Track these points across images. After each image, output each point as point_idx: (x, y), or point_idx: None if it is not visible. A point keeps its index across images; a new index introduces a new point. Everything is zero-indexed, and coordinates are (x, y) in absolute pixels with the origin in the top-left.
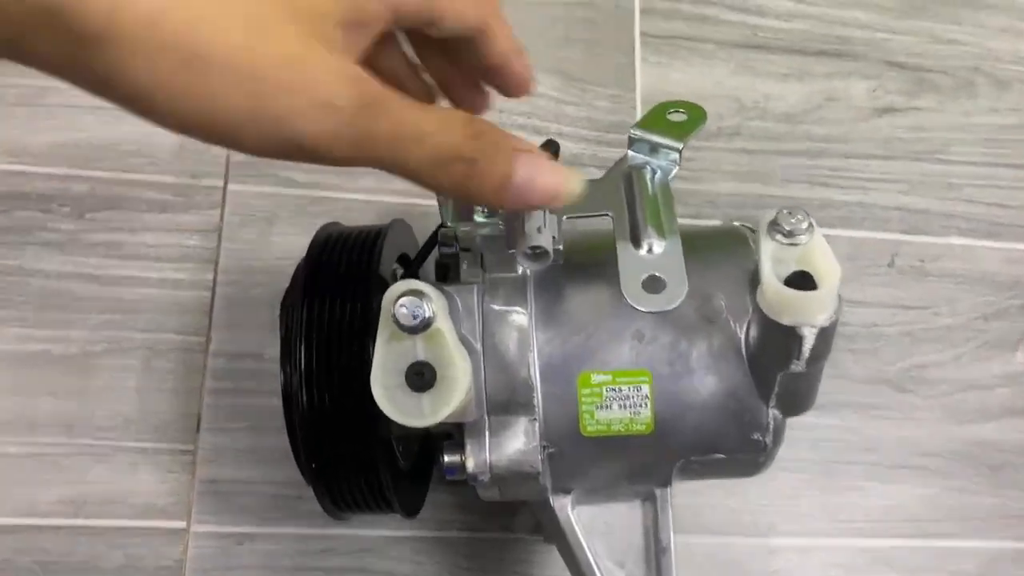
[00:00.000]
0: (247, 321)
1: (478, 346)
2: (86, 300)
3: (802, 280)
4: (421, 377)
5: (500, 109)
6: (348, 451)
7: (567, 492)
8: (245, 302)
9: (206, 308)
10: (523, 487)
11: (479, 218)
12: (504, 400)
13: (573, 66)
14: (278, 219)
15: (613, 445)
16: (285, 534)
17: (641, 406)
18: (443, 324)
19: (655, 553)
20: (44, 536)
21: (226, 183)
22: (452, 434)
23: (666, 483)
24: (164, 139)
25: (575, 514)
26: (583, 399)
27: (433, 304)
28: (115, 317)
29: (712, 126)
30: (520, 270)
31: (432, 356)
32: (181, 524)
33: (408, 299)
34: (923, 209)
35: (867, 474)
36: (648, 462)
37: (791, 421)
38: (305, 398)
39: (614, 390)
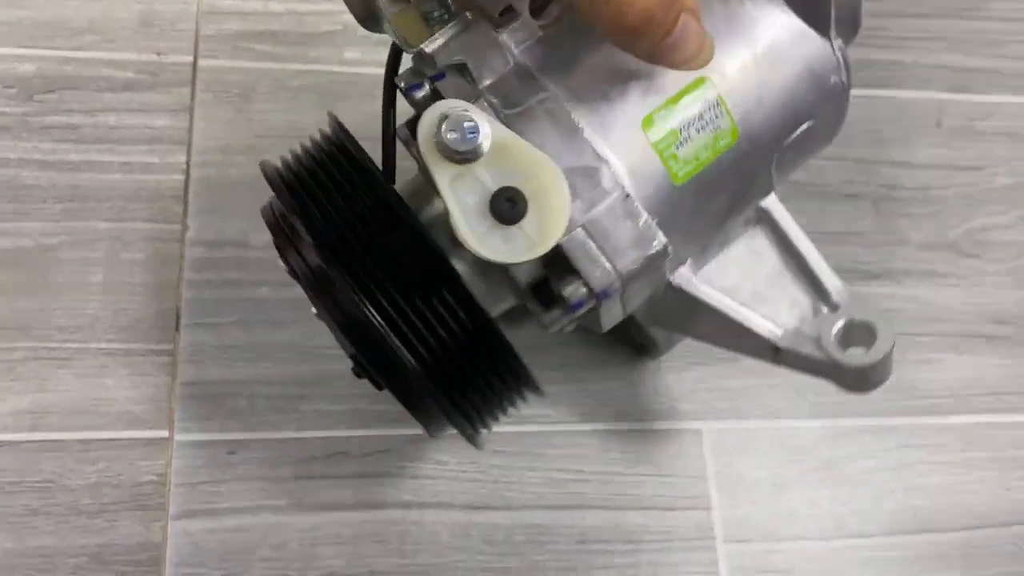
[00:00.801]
0: (227, 206)
1: None
2: (38, 188)
3: None
4: (513, 204)
5: None
6: (479, 361)
7: (683, 263)
8: (223, 185)
9: (179, 193)
10: (652, 278)
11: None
12: (588, 198)
13: None
14: (255, 95)
15: (709, 177)
16: (284, 439)
17: (718, 117)
18: (503, 132)
19: (796, 262)
20: None
21: (196, 59)
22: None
23: (769, 189)
24: (122, 14)
25: (702, 278)
26: (659, 146)
27: (479, 114)
28: (73, 206)
29: None
30: (510, 60)
31: (508, 176)
32: (162, 433)
33: (451, 121)
34: (967, 67)
35: (939, 345)
36: (746, 175)
37: None
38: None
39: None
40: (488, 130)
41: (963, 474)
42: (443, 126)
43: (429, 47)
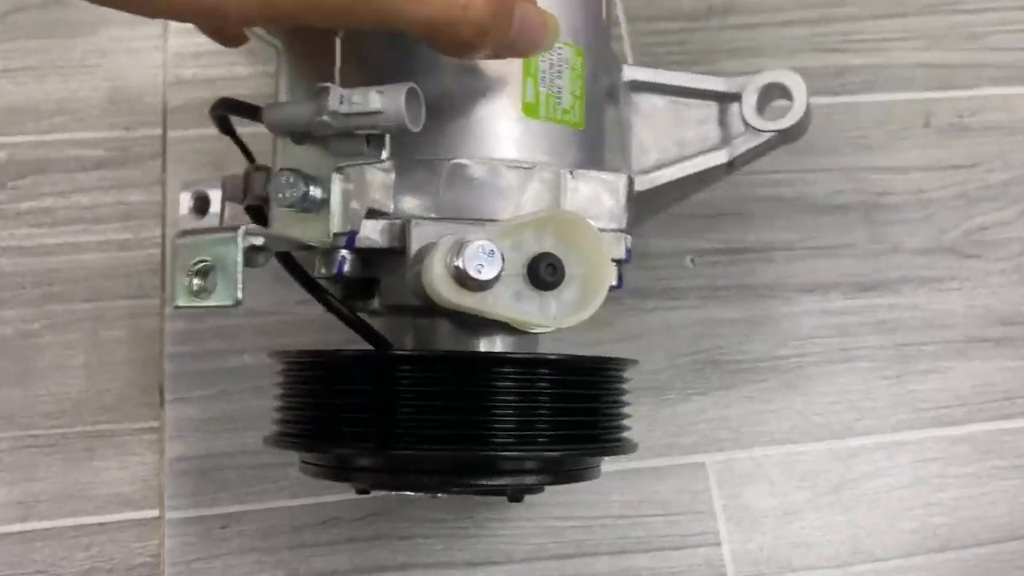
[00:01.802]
0: None
1: None
2: (15, 275)
3: None
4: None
5: None
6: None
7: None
8: None
9: (157, 267)
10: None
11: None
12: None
13: None
14: (227, 163)
15: (592, 99)
16: (276, 508)
17: (560, 52)
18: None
19: (681, 91)
20: None
21: (165, 131)
22: None
23: (621, 63)
24: (89, 93)
25: (640, 171)
26: (548, 116)
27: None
28: (52, 289)
29: (702, 5)
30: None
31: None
32: (153, 513)
33: (472, 250)
34: (949, 63)
35: (945, 353)
36: (605, 68)
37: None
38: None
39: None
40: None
41: (983, 485)
42: (464, 255)
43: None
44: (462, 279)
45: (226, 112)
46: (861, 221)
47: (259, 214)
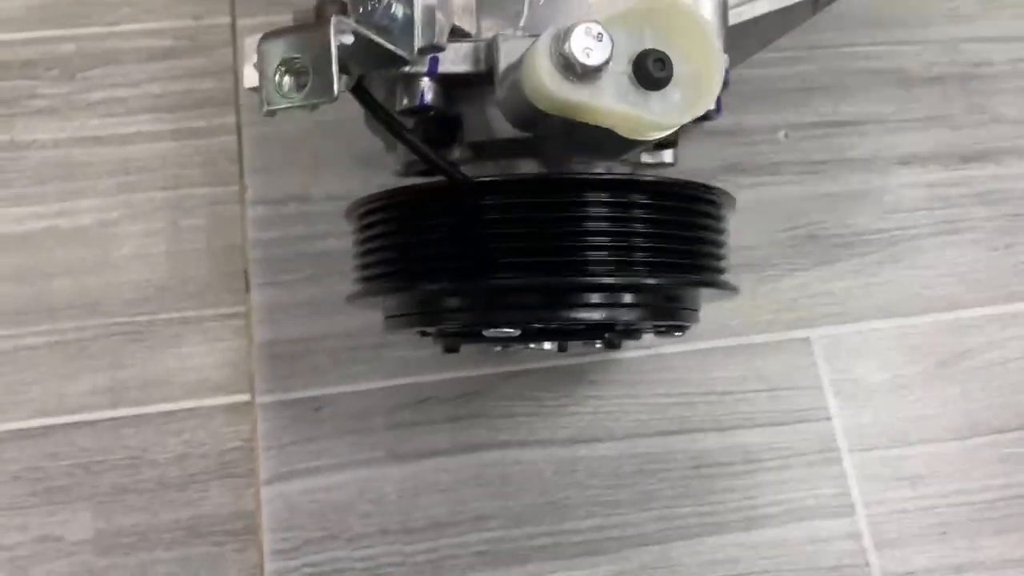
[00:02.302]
0: (283, 162)
1: None
2: (92, 165)
3: None
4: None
5: None
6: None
7: None
8: (277, 141)
9: (234, 154)
10: None
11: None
12: None
13: None
14: None
15: None
16: (371, 390)
17: None
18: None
19: None
20: (80, 434)
21: (234, 19)
22: None
23: None
24: None
25: None
26: None
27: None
28: (129, 179)
29: None
30: None
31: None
32: (244, 397)
33: (580, 33)
34: None
35: None
36: None
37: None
38: None
39: None
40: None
41: None
42: (567, 45)
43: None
44: (569, 67)
45: None
46: (958, 92)
47: None
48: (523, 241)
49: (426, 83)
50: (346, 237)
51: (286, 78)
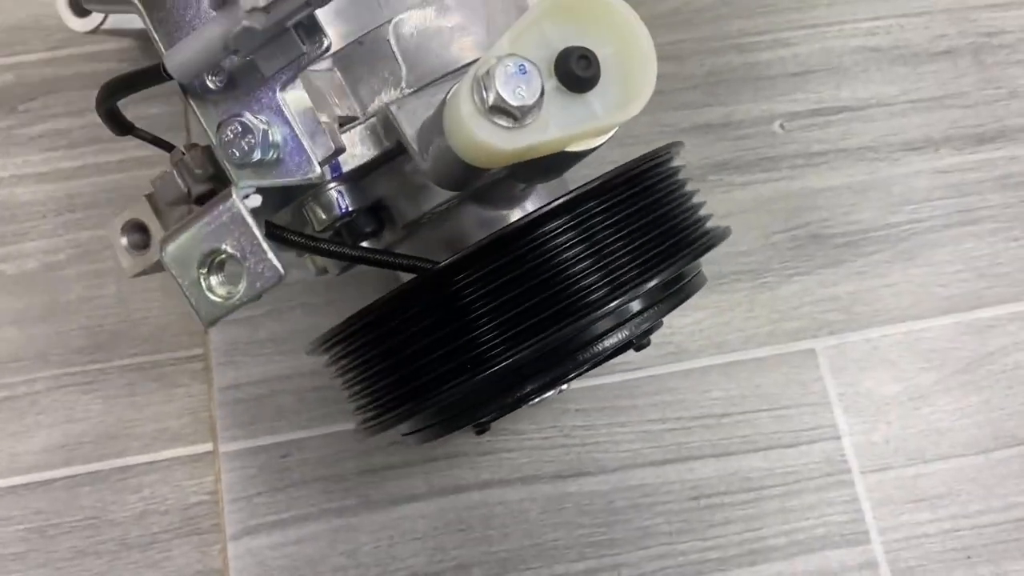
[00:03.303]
0: None
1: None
2: (35, 204)
3: None
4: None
5: None
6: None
7: None
8: None
9: None
10: None
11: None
12: None
13: None
14: None
15: None
16: (341, 432)
17: None
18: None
19: None
20: (34, 496)
21: None
22: None
23: None
24: None
25: None
26: None
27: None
28: (74, 216)
29: None
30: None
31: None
32: (206, 447)
33: (502, 73)
34: None
35: None
36: None
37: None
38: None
39: None
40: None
41: None
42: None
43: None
44: (505, 114)
45: (116, 96)
46: (970, 66)
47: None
48: (515, 307)
49: (336, 189)
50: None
51: (212, 278)
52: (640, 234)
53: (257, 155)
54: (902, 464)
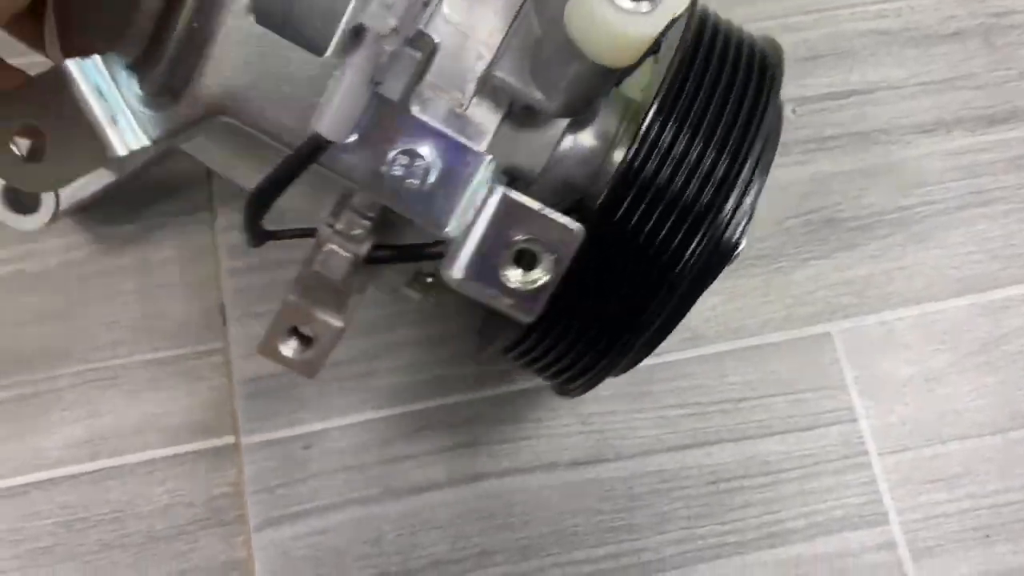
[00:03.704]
0: None
1: None
2: None
3: None
4: None
5: None
6: None
7: None
8: None
9: (202, 178)
10: None
11: None
12: None
13: None
14: None
15: None
16: (362, 423)
17: None
18: None
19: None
20: (60, 490)
21: None
22: None
23: None
24: None
25: None
26: None
27: None
28: (93, 212)
29: None
30: None
31: None
32: (228, 439)
33: None
34: None
35: None
36: None
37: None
38: None
39: None
40: None
41: None
42: None
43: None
44: None
45: (269, 203)
46: (981, 47)
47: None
48: (669, 214)
49: None
50: None
51: (512, 272)
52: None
53: (433, 175)
54: (919, 445)
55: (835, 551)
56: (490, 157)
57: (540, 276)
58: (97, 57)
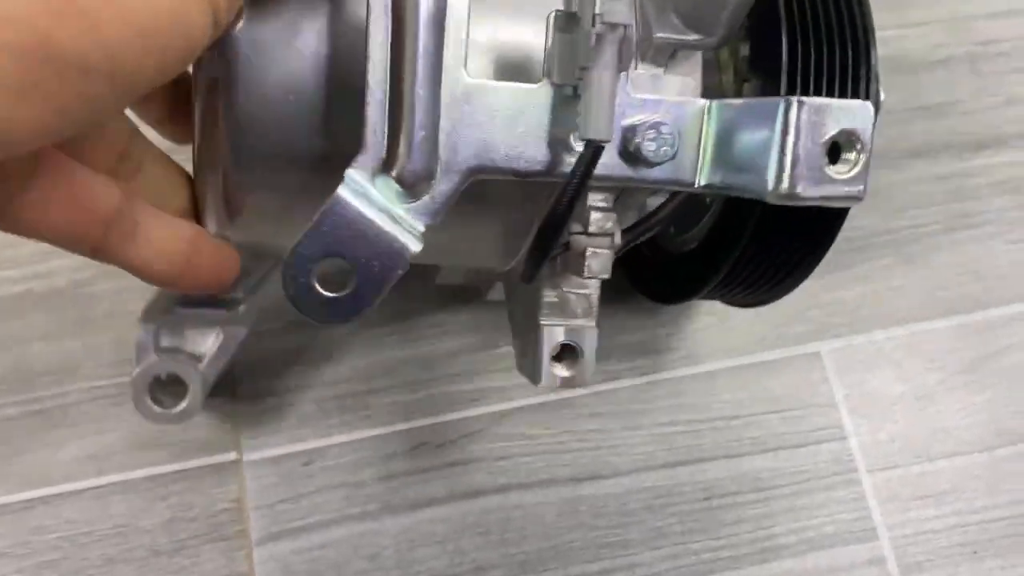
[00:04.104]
0: None
1: None
2: None
3: None
4: None
5: None
6: None
7: None
8: None
9: None
10: None
11: None
12: None
13: None
14: None
15: None
16: (361, 439)
17: None
18: None
19: None
20: (66, 505)
21: None
22: None
23: None
24: None
25: None
26: None
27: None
28: None
29: None
30: None
31: None
32: (230, 455)
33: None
34: None
35: None
36: None
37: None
38: None
39: None
40: None
41: None
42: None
43: None
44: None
45: (556, 238)
46: (968, 74)
47: None
48: None
49: None
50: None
51: None
52: None
53: (678, 138)
54: (908, 462)
55: (826, 566)
56: (706, 102)
57: (857, 158)
58: (353, 173)
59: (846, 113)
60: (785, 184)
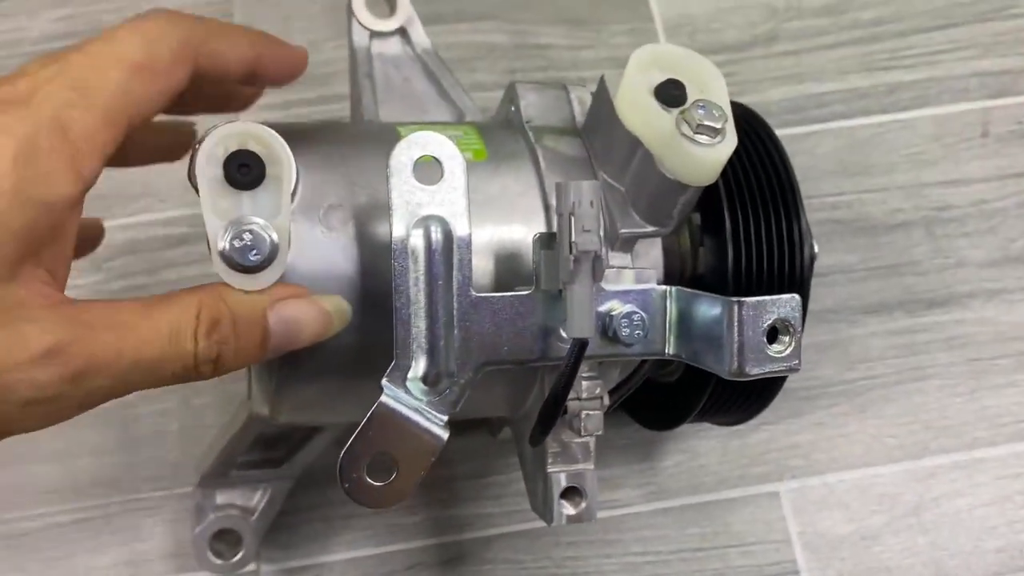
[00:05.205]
0: None
1: None
2: None
3: None
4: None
5: (513, 71)
6: None
7: None
8: None
9: None
10: None
11: None
12: None
13: (580, 9)
14: None
15: None
16: (363, 557)
17: None
18: None
19: None
20: None
21: None
22: None
23: None
24: (169, 175)
25: None
26: None
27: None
28: None
29: (745, 35)
30: None
31: None
32: (251, 567)
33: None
34: (1005, 69)
35: (1020, 366)
36: None
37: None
38: None
39: None
40: None
41: None
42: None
43: None
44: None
45: (554, 419)
46: (923, 237)
47: None
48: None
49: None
50: None
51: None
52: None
53: (647, 321)
54: None
55: None
56: (666, 288)
57: (791, 339)
58: (388, 383)
59: (779, 305)
60: (735, 366)
